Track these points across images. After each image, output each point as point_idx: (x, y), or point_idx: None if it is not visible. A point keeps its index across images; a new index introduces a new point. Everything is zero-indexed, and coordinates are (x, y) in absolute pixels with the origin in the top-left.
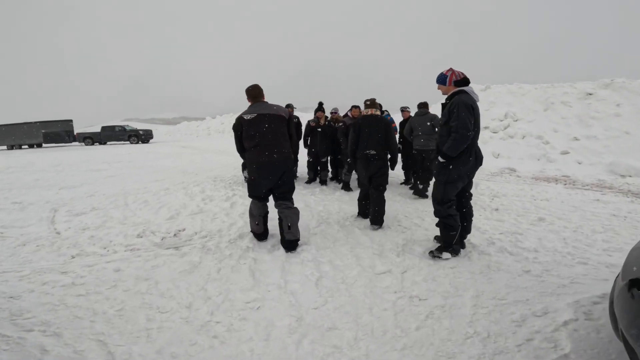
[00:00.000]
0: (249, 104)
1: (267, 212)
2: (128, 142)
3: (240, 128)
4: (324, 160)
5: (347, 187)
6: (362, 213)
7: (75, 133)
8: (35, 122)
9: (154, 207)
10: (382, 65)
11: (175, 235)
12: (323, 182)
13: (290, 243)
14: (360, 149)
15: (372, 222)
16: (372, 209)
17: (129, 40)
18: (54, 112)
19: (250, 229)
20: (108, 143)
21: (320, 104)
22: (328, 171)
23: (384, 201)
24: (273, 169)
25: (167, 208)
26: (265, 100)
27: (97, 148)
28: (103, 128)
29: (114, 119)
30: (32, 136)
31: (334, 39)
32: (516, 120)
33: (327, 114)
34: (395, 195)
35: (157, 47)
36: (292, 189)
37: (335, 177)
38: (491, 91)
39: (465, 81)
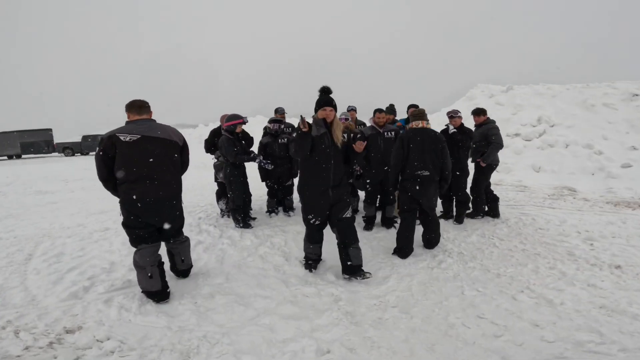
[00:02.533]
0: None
1: (161, 259)
2: None
3: (112, 151)
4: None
5: (370, 225)
6: (402, 250)
7: (54, 143)
8: (12, 132)
9: (61, 268)
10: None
11: (52, 343)
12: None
13: (184, 272)
14: (410, 169)
15: (429, 246)
16: (427, 235)
17: (125, 44)
18: (50, 121)
19: (140, 288)
20: (90, 153)
21: (326, 90)
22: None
23: (439, 223)
24: (160, 208)
25: (80, 271)
26: (153, 118)
27: (74, 160)
28: (84, 137)
29: (110, 127)
30: (9, 146)
31: (341, 35)
32: (552, 126)
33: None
34: (441, 253)
35: (155, 51)
36: (183, 224)
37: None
38: (515, 92)
39: None
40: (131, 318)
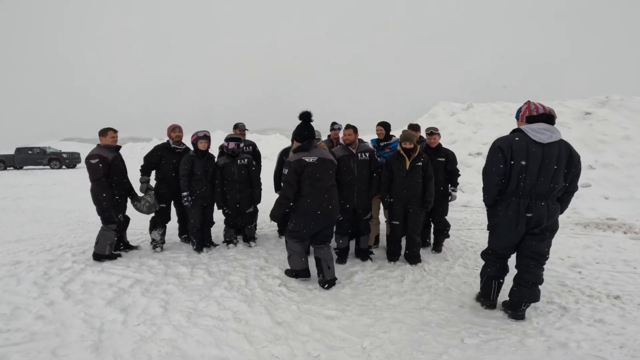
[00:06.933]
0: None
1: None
2: (48, 166)
3: None
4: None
5: (344, 258)
6: None
7: None
8: None
9: None
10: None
11: None
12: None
13: None
14: None
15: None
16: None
17: (71, 49)
18: None
19: None
20: (25, 168)
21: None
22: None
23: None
24: None
25: None
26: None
27: (3, 175)
28: (18, 150)
29: (51, 139)
30: None
31: (300, 56)
32: None
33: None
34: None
35: (104, 60)
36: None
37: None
38: (475, 110)
39: (542, 117)
40: None
